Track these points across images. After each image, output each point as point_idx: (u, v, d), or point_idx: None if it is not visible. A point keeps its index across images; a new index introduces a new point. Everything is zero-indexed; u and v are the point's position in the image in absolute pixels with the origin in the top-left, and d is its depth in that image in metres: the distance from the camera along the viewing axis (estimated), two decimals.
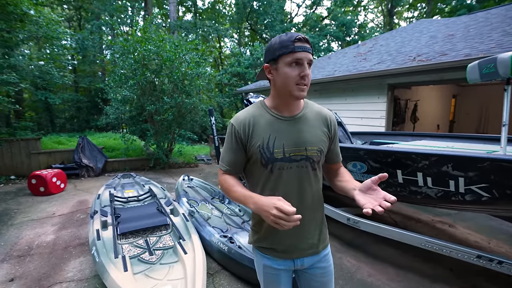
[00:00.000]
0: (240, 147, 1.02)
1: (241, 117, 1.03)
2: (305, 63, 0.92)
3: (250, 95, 5.12)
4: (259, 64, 12.45)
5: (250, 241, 1.14)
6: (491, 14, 6.56)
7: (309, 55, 0.93)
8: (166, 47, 6.17)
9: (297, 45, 0.91)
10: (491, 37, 4.70)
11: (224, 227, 2.98)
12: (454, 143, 3.15)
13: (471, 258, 1.97)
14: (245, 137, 1.00)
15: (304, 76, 0.92)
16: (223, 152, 1.07)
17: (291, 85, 0.93)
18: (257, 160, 0.99)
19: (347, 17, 18.55)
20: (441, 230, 3.33)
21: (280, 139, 0.98)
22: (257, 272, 1.15)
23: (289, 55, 0.92)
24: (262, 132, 0.99)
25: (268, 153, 0.97)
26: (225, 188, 1.05)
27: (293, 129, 1.00)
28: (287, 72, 0.93)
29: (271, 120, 1.01)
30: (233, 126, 1.02)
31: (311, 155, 1.00)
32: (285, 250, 1.04)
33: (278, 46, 0.94)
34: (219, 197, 3.98)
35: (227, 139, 1.05)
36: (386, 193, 0.80)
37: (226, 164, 1.05)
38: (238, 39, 22.85)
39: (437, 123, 8.29)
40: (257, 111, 1.04)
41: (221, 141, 5.58)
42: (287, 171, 0.98)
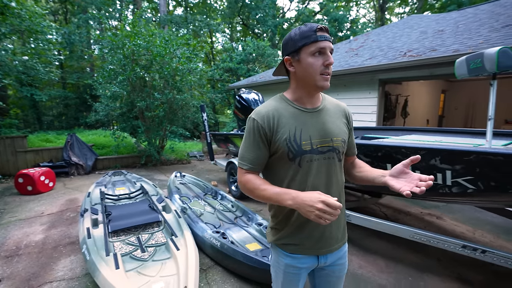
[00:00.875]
0: (264, 142, 0.97)
1: (263, 111, 0.98)
2: (328, 51, 0.91)
3: (242, 91, 5.10)
4: (251, 59, 12.38)
5: (271, 240, 1.09)
6: (479, 10, 6.67)
7: (330, 44, 0.93)
8: (156, 42, 6.06)
9: (319, 34, 0.90)
10: (479, 32, 4.78)
11: (217, 223, 2.98)
12: (443, 137, 3.21)
13: (457, 248, 2.02)
14: (270, 131, 0.96)
15: (328, 65, 0.92)
16: (243, 150, 1.00)
17: (316, 75, 0.92)
18: (283, 154, 0.96)
19: (339, 12, 18.56)
20: (430, 222, 3.42)
21: (307, 131, 0.96)
22: (273, 271, 1.11)
23: (311, 44, 0.90)
24: (288, 125, 0.96)
25: (296, 146, 0.95)
26: (250, 188, 0.97)
27: (317, 120, 0.99)
28: (311, 62, 0.91)
29: (295, 112, 0.98)
30: (255, 121, 0.97)
31: (337, 146, 0.99)
32: (313, 246, 1.02)
33: (299, 37, 0.92)
34: (212, 193, 3.97)
35: (248, 135, 0.99)
36: (420, 174, 0.81)
37: (249, 162, 0.99)
38: (230, 34, 22.65)
39: (426, 117, 8.44)
40: (278, 104, 1.00)
41: (213, 137, 5.55)
42: (316, 163, 0.96)
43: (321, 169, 0.97)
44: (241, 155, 1.01)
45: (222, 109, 16.91)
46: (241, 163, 1.00)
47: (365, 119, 5.63)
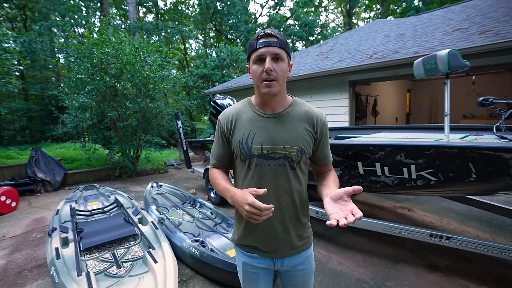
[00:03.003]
0: (224, 141, 1.07)
1: (226, 112, 1.08)
2: (267, 57, 0.90)
3: (217, 97, 5.08)
4: (225, 65, 12.40)
5: (232, 238, 1.16)
6: (434, 16, 7.23)
7: (273, 48, 0.90)
8: (126, 50, 5.88)
9: (260, 41, 0.92)
10: (435, 36, 5.18)
11: (196, 232, 2.93)
12: (409, 134, 3.41)
13: (425, 237, 2.16)
14: (228, 132, 1.05)
15: (266, 71, 0.90)
16: (212, 147, 1.13)
17: (259, 81, 0.94)
18: (237, 155, 1.04)
19: (309, 17, 19.20)
20: (402, 215, 3.60)
21: (259, 136, 0.98)
22: (237, 270, 1.17)
23: (253, 53, 0.94)
24: (243, 128, 1.01)
25: (246, 149, 0.99)
26: (211, 180, 1.10)
27: (273, 126, 0.99)
28: (253, 69, 0.96)
29: (253, 116, 1.02)
30: (219, 121, 1.08)
31: (289, 154, 0.97)
32: (266, 249, 1.04)
33: (249, 46, 0.98)
34: (190, 202, 3.90)
35: (215, 134, 1.11)
36: (355, 207, 0.78)
37: (214, 158, 1.12)
38: (204, 40, 22.55)
39: (395, 116, 8.93)
40: (242, 107, 1.07)
41: (190, 144, 5.46)
42: (265, 168, 0.98)
43: (271, 174, 0.98)
44: (211, 151, 1.14)
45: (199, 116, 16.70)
46: (210, 158, 1.14)
47: (339, 119, 5.84)
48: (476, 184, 1.84)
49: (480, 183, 1.80)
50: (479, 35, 4.26)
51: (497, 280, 2.21)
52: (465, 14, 5.99)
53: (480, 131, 2.84)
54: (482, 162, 1.66)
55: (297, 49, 19.97)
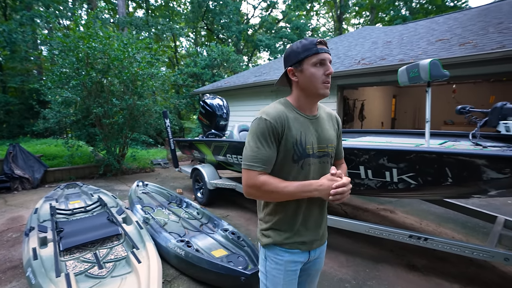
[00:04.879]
0: (274, 143, 1.01)
1: (273, 112, 1.02)
2: (327, 62, 1.01)
3: (207, 96, 5.07)
4: (216, 64, 12.34)
5: (270, 242, 1.09)
6: (419, 26, 7.49)
7: (329, 55, 1.03)
8: (114, 45, 5.76)
9: (319, 47, 1.00)
10: (419, 45, 5.37)
11: (182, 232, 2.91)
12: (394, 138, 3.52)
13: (405, 238, 2.24)
14: (282, 132, 1.01)
15: (329, 74, 1.01)
16: (253, 151, 0.99)
17: (318, 83, 1.00)
18: (288, 156, 1.02)
19: (301, 20, 19.42)
20: (384, 217, 3.71)
21: (309, 136, 1.04)
22: (271, 276, 1.10)
23: (313, 56, 1.00)
24: (295, 129, 1.02)
25: (301, 149, 1.02)
26: (269, 189, 0.98)
27: (317, 127, 1.08)
28: (313, 72, 1.00)
29: (298, 118, 1.05)
30: (268, 121, 0.99)
31: (331, 151, 1.10)
32: (307, 242, 1.10)
33: (301, 49, 1.01)
34: (176, 202, 3.86)
35: (259, 135, 0.99)
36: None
37: (263, 163, 0.99)
38: (195, 38, 22.35)
39: (381, 120, 9.18)
40: (284, 108, 1.05)
41: (177, 143, 5.41)
42: (313, 167, 1.06)
43: (318, 171, 1.07)
44: (252, 156, 0.99)
45: (188, 115, 16.54)
46: (254, 165, 0.99)
47: None
48: (452, 188, 1.93)
49: (456, 187, 1.90)
50: (459, 46, 4.46)
51: (469, 279, 2.32)
52: (447, 25, 6.25)
53: (459, 138, 2.97)
54: (457, 167, 1.75)
55: None
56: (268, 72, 8.10)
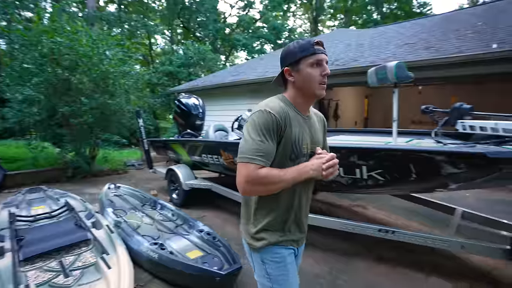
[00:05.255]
0: (276, 138, 0.97)
1: (277, 107, 0.98)
2: (324, 63, 1.01)
3: (182, 96, 4.98)
4: (192, 63, 12.13)
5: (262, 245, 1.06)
6: (389, 29, 7.88)
7: (326, 56, 1.03)
8: (82, 41, 5.45)
9: (316, 47, 0.99)
10: (388, 48, 5.65)
11: (156, 234, 2.83)
12: (366, 137, 3.67)
13: (375, 232, 2.35)
14: (284, 127, 0.98)
15: (325, 75, 1.00)
16: (255, 143, 0.93)
17: (314, 84, 1.00)
18: (286, 154, 1.00)
19: (278, 21, 19.64)
20: (357, 212, 3.87)
21: (305, 136, 1.04)
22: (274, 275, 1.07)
23: (310, 56, 0.99)
24: (294, 127, 1.01)
25: (298, 148, 1.02)
26: (271, 181, 0.94)
27: (310, 127, 1.09)
28: (310, 72, 0.99)
29: (296, 116, 1.04)
30: (272, 114, 0.95)
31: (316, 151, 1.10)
32: (297, 239, 1.13)
33: (298, 50, 1.01)
34: (150, 204, 3.75)
35: (262, 128, 0.93)
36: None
37: (265, 157, 0.93)
38: (171, 36, 21.79)
39: (355, 120, 9.53)
40: (284, 105, 1.02)
41: (151, 144, 5.25)
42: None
43: None
44: (254, 149, 0.92)
45: (164, 114, 16.11)
46: (256, 158, 0.92)
47: None
48: (417, 183, 2.05)
49: (420, 182, 2.02)
50: (424, 50, 4.75)
51: (432, 267, 2.48)
52: (414, 30, 6.63)
53: (424, 136, 3.17)
54: (420, 164, 1.86)
55: (265, 51, 20.27)
56: (245, 71, 8.11)
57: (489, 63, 3.85)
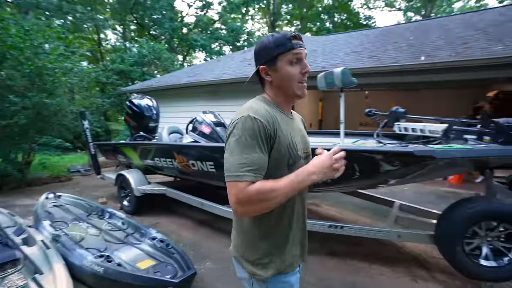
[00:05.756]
0: (267, 145, 0.85)
1: (262, 110, 0.86)
2: (304, 59, 0.90)
3: (134, 96, 4.68)
4: (146, 62, 11.52)
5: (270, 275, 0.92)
6: (339, 38, 8.47)
7: (305, 50, 0.92)
8: (10, 30, 4.79)
9: (295, 42, 0.88)
10: (338, 55, 6.06)
11: (102, 246, 2.60)
12: (319, 138, 3.87)
13: (325, 228, 2.48)
14: (273, 133, 0.85)
15: (305, 73, 0.90)
16: (242, 157, 0.80)
17: (294, 83, 0.90)
18: (283, 162, 0.88)
19: (236, 23, 19.72)
20: (312, 211, 4.05)
21: (297, 137, 0.94)
22: None
23: (288, 52, 0.88)
24: (285, 131, 0.90)
25: (294, 151, 0.91)
26: (269, 195, 0.79)
27: (296, 127, 0.99)
28: (288, 70, 0.88)
29: (284, 117, 0.94)
30: (258, 120, 0.82)
31: (310, 151, 1.02)
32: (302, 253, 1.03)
33: (273, 45, 0.88)
34: (97, 213, 3.44)
35: (250, 137, 0.81)
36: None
37: (255, 171, 0.79)
38: (123, 32, 20.39)
39: (310, 122, 10.01)
40: (268, 107, 0.90)
41: (99, 148, 4.83)
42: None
43: None
44: (241, 164, 0.79)
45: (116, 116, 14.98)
46: (244, 174, 0.78)
47: None
48: (361, 180, 2.23)
49: (363, 179, 2.20)
50: (368, 58, 5.21)
51: (375, 256, 2.72)
52: (360, 40, 7.23)
53: (369, 137, 3.46)
54: (362, 162, 2.03)
55: (224, 53, 20.20)
56: (202, 72, 7.97)
57: (419, 72, 4.39)
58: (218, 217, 3.19)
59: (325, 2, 22.67)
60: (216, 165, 2.84)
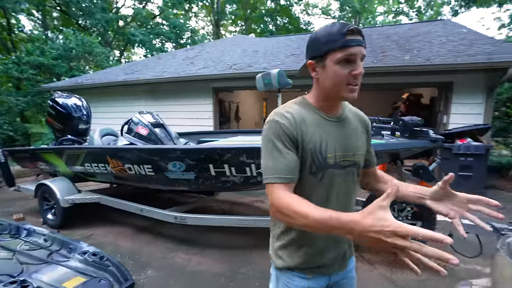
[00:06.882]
0: (293, 147, 0.80)
1: (285, 113, 0.82)
2: (358, 59, 0.78)
3: (58, 94, 4.15)
4: (74, 56, 10.26)
5: (282, 265, 0.91)
6: (280, 40, 8.87)
7: (363, 49, 0.79)
8: None
9: (349, 38, 0.76)
10: (279, 57, 6.36)
11: (17, 270, 2.24)
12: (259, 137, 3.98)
13: (268, 223, 2.59)
14: (297, 135, 0.80)
15: (355, 75, 0.79)
16: (268, 161, 0.80)
17: (341, 85, 0.80)
18: (305, 167, 0.82)
19: (179, 20, 18.96)
20: (257, 208, 4.19)
21: (332, 143, 0.85)
22: None
23: (339, 51, 0.76)
24: (313, 134, 0.83)
25: (320, 158, 0.83)
26: (293, 216, 0.71)
27: (341, 131, 0.88)
28: (336, 71, 0.78)
29: (318, 120, 0.86)
30: (280, 122, 0.80)
31: (358, 160, 0.91)
32: (327, 264, 0.91)
33: (325, 39, 0.78)
34: (10, 232, 2.94)
35: (272, 142, 0.79)
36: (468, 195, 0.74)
37: (284, 172, 0.77)
38: (43, 20, 17.65)
39: (255, 121, 10.27)
40: (301, 108, 0.86)
41: (12, 155, 4.12)
42: (337, 179, 0.86)
43: (341, 185, 0.88)
44: (268, 167, 0.80)
45: (36, 117, 12.93)
46: (271, 177, 0.78)
47: (204, 124, 6.08)
48: None
49: None
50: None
51: None
52: (298, 43, 7.70)
53: None
54: None
55: (167, 50, 19.24)
56: (142, 70, 7.47)
57: None
58: (160, 222, 3.05)
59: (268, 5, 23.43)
60: (154, 168, 2.71)
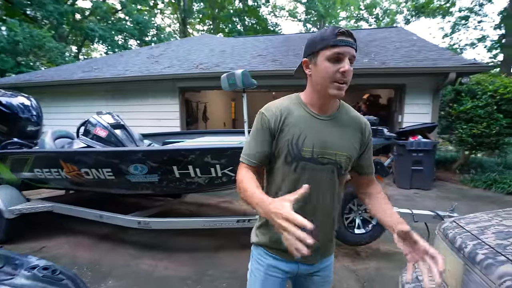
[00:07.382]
0: (267, 138, 0.94)
1: (273, 107, 0.96)
2: (346, 58, 0.85)
3: (1, 93, 3.73)
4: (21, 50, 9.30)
5: (256, 241, 1.04)
6: (247, 41, 8.92)
7: (352, 50, 0.86)
8: None
9: (340, 38, 0.84)
10: (245, 57, 6.39)
11: None
12: (229, 137, 3.96)
13: (234, 223, 2.60)
14: (275, 128, 0.93)
15: (343, 72, 0.85)
16: (247, 144, 0.97)
17: (328, 81, 0.87)
18: (281, 156, 0.93)
19: (143, 16, 18.15)
20: (225, 208, 4.16)
21: (311, 138, 0.92)
22: (252, 275, 1.04)
23: (329, 48, 0.85)
24: (293, 127, 0.92)
25: (295, 150, 0.91)
26: (239, 188, 0.89)
27: (326, 129, 0.94)
28: (326, 67, 0.86)
29: (305, 116, 0.94)
30: (263, 114, 0.95)
31: (339, 160, 0.94)
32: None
33: (319, 39, 0.87)
34: None
35: (254, 131, 0.96)
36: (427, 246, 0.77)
37: (251, 157, 0.94)
38: None
39: (223, 121, 10.21)
40: (291, 104, 0.96)
41: None
42: (310, 173, 0.93)
43: (315, 179, 0.93)
44: (244, 149, 0.97)
45: None
46: (243, 156, 0.96)
47: (171, 124, 5.90)
48: None
49: None
50: (272, 62, 5.70)
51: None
52: (265, 44, 7.82)
53: None
54: None
55: (130, 47, 18.30)
56: (102, 68, 7.02)
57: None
58: (122, 228, 2.90)
59: (236, 5, 23.40)
60: (114, 171, 2.56)
